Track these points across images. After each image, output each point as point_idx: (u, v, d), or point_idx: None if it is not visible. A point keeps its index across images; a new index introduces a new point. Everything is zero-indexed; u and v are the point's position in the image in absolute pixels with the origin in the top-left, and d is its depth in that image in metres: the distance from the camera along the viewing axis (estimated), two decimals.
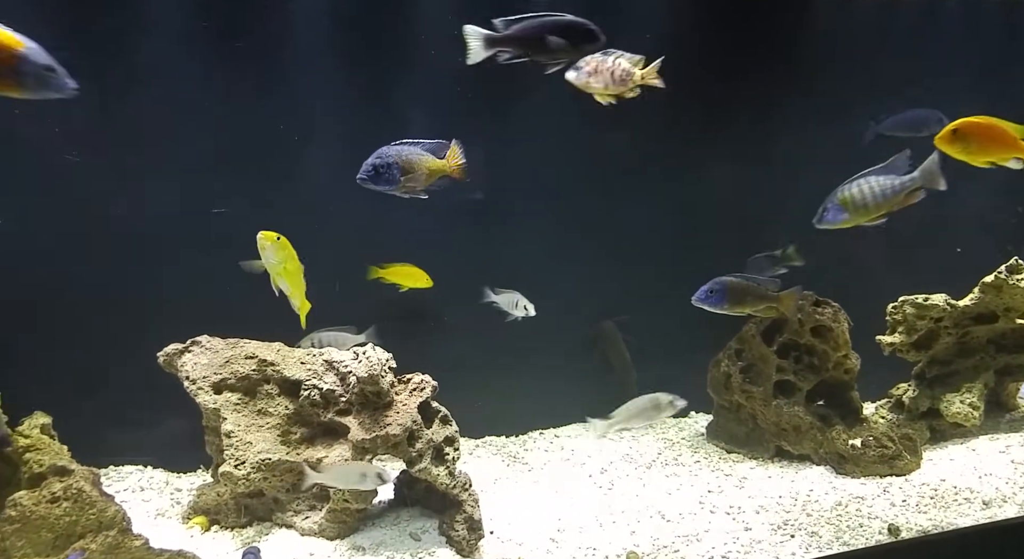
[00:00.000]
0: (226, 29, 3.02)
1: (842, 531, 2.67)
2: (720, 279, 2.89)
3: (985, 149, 2.45)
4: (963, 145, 2.44)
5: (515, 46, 2.31)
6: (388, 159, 2.30)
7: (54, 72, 1.67)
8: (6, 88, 1.65)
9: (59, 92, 1.69)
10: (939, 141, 2.46)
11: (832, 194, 2.64)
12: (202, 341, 2.82)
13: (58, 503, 2.21)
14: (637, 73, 2.37)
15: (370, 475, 2.41)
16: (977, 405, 3.34)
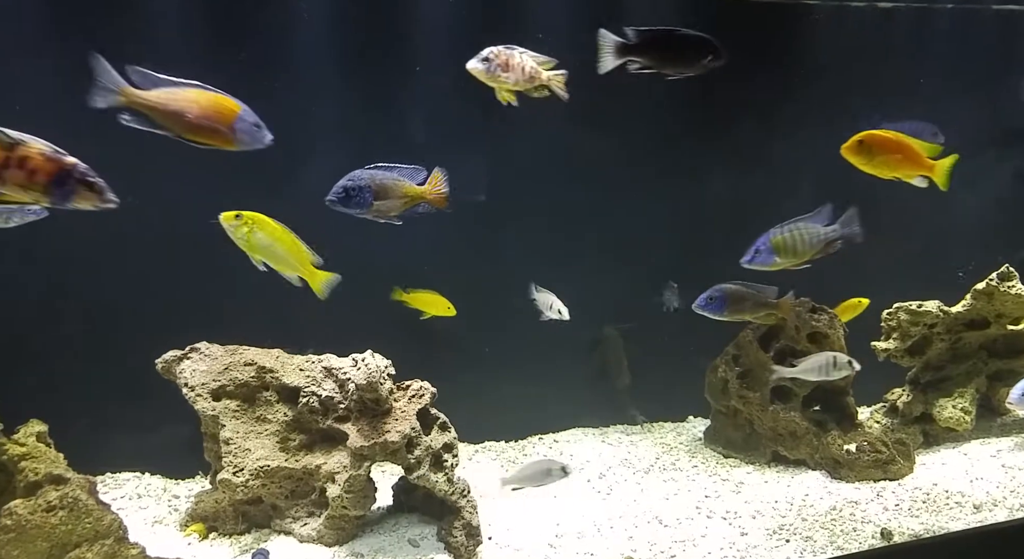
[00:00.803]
0: (228, 38, 3.00)
1: (836, 535, 2.70)
2: (720, 286, 2.93)
3: (889, 163, 2.47)
4: (867, 157, 2.44)
5: (646, 56, 2.36)
6: (360, 182, 2.25)
7: (260, 128, 2.00)
8: (223, 143, 1.98)
9: (261, 144, 2.02)
10: (845, 151, 2.47)
11: (764, 237, 2.71)
12: (201, 348, 2.81)
13: (54, 512, 2.19)
14: (544, 74, 2.36)
15: (554, 470, 2.52)
16: (969, 410, 3.39)
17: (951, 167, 2.54)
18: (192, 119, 1.91)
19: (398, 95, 3.29)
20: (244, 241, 2.24)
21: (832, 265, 3.84)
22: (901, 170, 2.50)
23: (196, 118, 1.91)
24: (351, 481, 2.56)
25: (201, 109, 1.91)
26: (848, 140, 2.46)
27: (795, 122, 3.69)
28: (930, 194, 4.03)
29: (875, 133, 2.45)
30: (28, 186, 1.61)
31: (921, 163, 2.50)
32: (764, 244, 2.71)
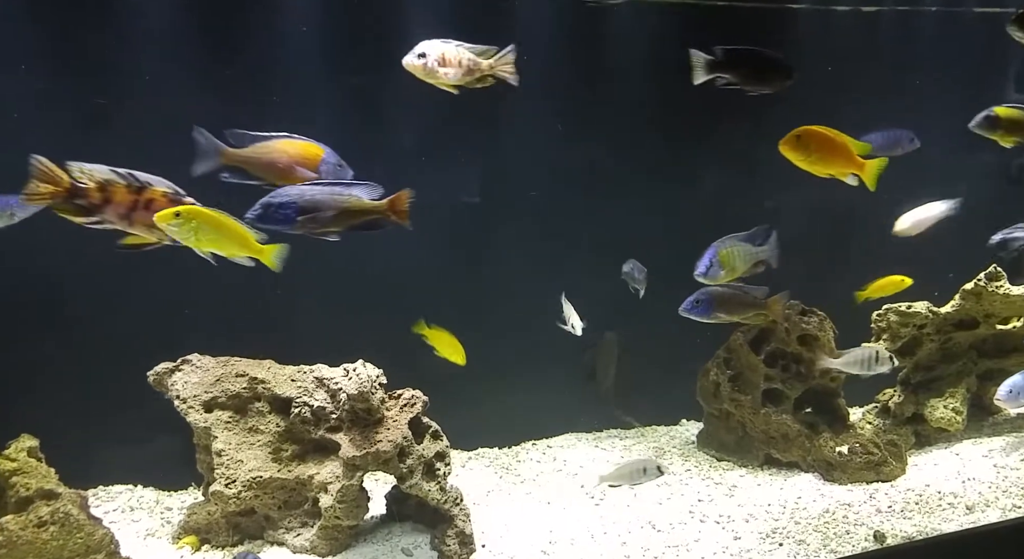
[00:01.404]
0: (219, 48, 3.02)
1: (829, 538, 2.71)
2: (706, 289, 2.92)
3: (825, 160, 2.45)
4: (804, 153, 2.44)
5: (731, 73, 2.51)
6: (284, 198, 2.12)
7: (342, 167, 2.25)
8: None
9: (345, 177, 2.27)
10: (783, 146, 2.45)
11: (712, 251, 2.78)
12: (192, 359, 2.81)
13: (45, 527, 2.19)
14: (484, 64, 2.32)
15: (649, 469, 2.57)
16: (960, 410, 3.41)
17: (880, 169, 2.52)
18: (283, 167, 2.14)
19: (392, 100, 3.30)
20: (192, 238, 2.09)
21: (821, 267, 3.88)
22: (835, 167, 2.48)
23: (286, 166, 2.14)
24: (344, 491, 2.56)
25: (290, 158, 2.16)
26: (785, 136, 2.45)
27: (783, 124, 3.71)
28: (917, 195, 4.07)
29: (812, 129, 2.43)
30: (152, 226, 1.74)
31: (853, 161, 2.48)
32: (714, 258, 2.76)
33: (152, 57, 2.95)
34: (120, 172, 1.77)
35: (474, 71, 2.30)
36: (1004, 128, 2.84)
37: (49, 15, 2.84)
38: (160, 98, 2.95)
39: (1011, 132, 2.86)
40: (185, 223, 2.03)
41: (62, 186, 1.68)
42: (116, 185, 1.72)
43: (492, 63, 2.33)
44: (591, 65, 3.62)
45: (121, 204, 1.72)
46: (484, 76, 2.33)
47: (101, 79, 2.91)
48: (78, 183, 1.69)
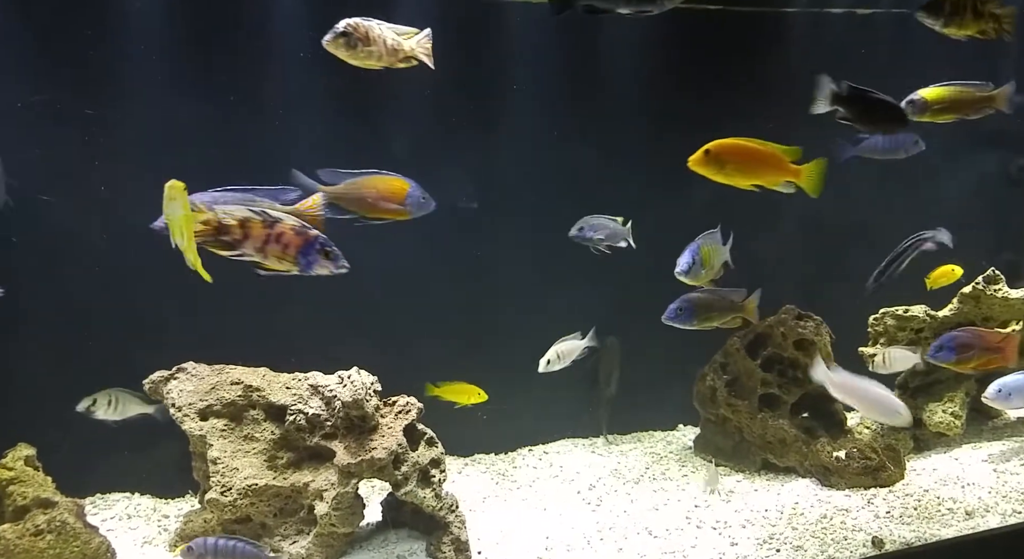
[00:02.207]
0: (211, 47, 3.04)
1: (827, 544, 2.70)
2: (686, 296, 2.92)
3: (744, 171, 2.31)
4: (717, 167, 2.30)
5: (849, 108, 2.54)
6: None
7: (427, 199, 2.37)
8: (398, 216, 2.36)
9: (428, 211, 2.39)
10: (693, 163, 2.32)
11: (693, 248, 2.76)
12: (187, 368, 2.83)
13: (42, 536, 2.21)
14: (406, 45, 2.25)
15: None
16: (959, 414, 3.39)
17: (819, 171, 2.36)
18: (372, 201, 2.29)
19: (389, 105, 3.31)
20: (182, 218, 2.07)
21: (819, 271, 3.87)
22: (761, 177, 2.32)
23: (375, 200, 2.29)
24: (339, 498, 2.57)
25: (379, 192, 2.30)
26: (695, 152, 2.29)
27: (779, 127, 3.71)
28: (915, 198, 4.05)
29: (722, 142, 2.28)
30: (282, 257, 1.91)
31: (783, 168, 2.32)
32: (697, 255, 2.74)
33: (147, 67, 2.98)
34: (255, 210, 1.97)
35: (397, 52, 2.24)
36: (933, 109, 2.81)
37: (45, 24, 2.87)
38: (160, 109, 2.99)
39: (943, 112, 2.82)
40: (184, 200, 2.03)
41: (211, 225, 1.92)
42: (253, 221, 1.93)
43: (413, 45, 2.27)
44: (587, 69, 3.64)
45: (257, 238, 1.91)
46: (406, 57, 2.27)
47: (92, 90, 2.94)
48: (224, 222, 1.93)
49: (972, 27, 2.44)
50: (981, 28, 2.45)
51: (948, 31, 2.45)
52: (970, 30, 2.45)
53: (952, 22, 2.43)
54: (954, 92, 2.82)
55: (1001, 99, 2.84)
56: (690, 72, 3.64)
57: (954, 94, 2.82)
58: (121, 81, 2.98)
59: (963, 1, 2.40)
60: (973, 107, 2.84)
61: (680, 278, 2.83)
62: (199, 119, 3.04)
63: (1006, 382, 2.98)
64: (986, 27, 2.45)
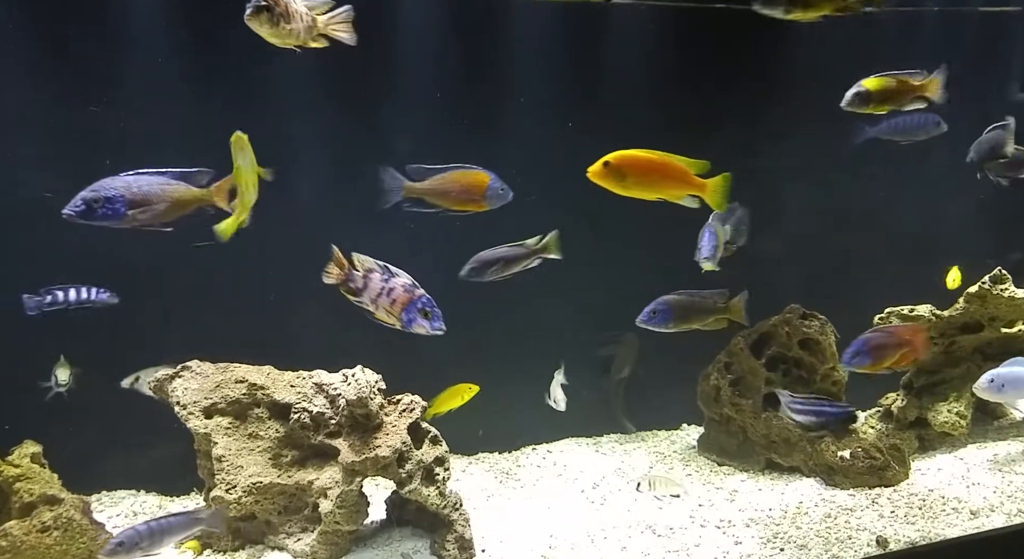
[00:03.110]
0: (207, 47, 3.04)
1: (831, 544, 2.69)
2: (663, 298, 2.87)
3: (646, 185, 2.22)
4: (618, 179, 2.19)
5: None
6: (108, 193, 2.05)
7: (505, 190, 2.46)
8: (478, 208, 2.47)
9: (505, 201, 2.49)
10: (592, 174, 2.21)
11: (710, 234, 2.73)
12: (192, 366, 2.83)
13: (48, 532, 2.22)
14: (320, 19, 2.15)
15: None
16: (964, 414, 3.37)
17: (724, 186, 2.28)
18: (456, 195, 2.39)
19: (393, 103, 3.30)
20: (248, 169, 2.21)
21: (824, 271, 3.85)
22: (664, 191, 2.25)
23: (458, 194, 2.40)
24: (343, 496, 2.57)
25: (461, 186, 2.40)
26: (594, 164, 2.19)
27: (786, 125, 3.70)
28: (922, 196, 4.03)
29: (624, 153, 2.19)
30: (389, 311, 2.04)
31: (688, 181, 2.24)
32: (715, 240, 2.71)
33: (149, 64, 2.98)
34: (379, 264, 2.09)
35: (312, 28, 2.18)
36: (876, 100, 2.75)
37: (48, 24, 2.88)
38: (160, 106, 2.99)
39: (883, 102, 2.76)
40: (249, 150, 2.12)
41: (343, 271, 2.10)
42: (374, 273, 2.07)
43: (327, 20, 2.20)
44: (595, 66, 3.62)
45: (374, 290, 2.05)
46: (319, 35, 2.20)
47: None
48: (353, 271, 2.08)
49: (825, 7, 2.21)
50: (837, 6, 2.23)
51: (795, 17, 2.23)
52: (824, 10, 2.22)
53: (796, 7, 2.20)
54: (893, 82, 2.76)
55: (933, 87, 2.78)
56: (698, 68, 3.62)
57: (893, 84, 2.76)
58: (136, 80, 2.99)
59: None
60: (908, 96, 2.78)
61: (706, 265, 2.78)
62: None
63: (999, 373, 2.94)
64: (843, 3, 2.23)
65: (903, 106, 2.79)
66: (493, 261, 2.74)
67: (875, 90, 2.73)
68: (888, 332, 2.98)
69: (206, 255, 3.08)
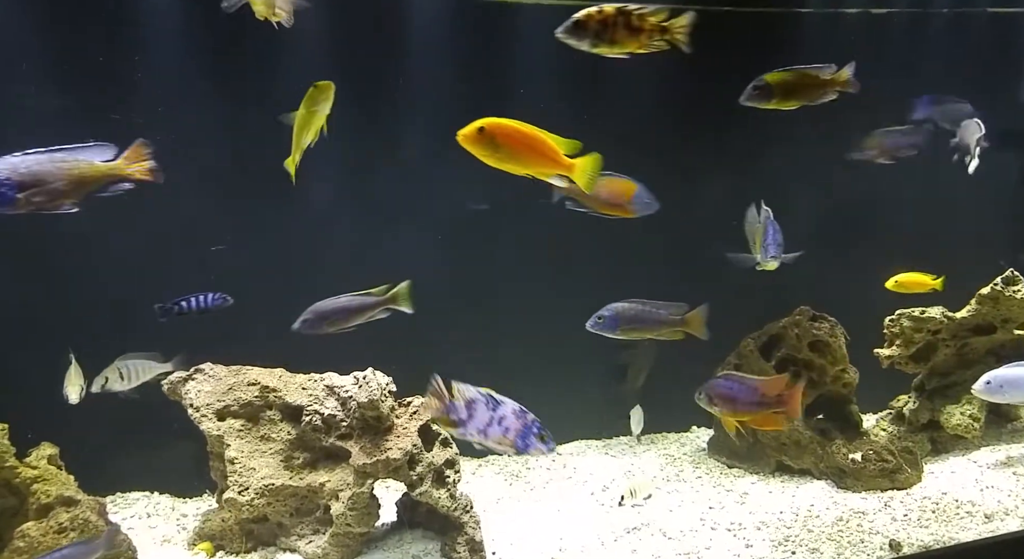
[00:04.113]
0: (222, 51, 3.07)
1: (843, 547, 2.68)
2: (611, 306, 2.80)
3: (517, 158, 2.09)
4: (491, 149, 2.06)
5: None
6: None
7: (651, 200, 2.60)
8: (625, 213, 2.61)
9: (651, 211, 2.62)
10: (462, 139, 2.06)
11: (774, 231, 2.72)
12: (205, 368, 2.86)
13: (65, 533, 2.25)
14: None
15: None
16: (978, 416, 3.35)
17: (594, 167, 2.17)
18: (604, 198, 2.57)
19: (397, 104, 3.32)
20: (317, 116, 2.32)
21: (833, 272, 3.83)
22: (533, 167, 2.13)
23: (606, 197, 2.58)
24: (354, 498, 2.59)
25: (610, 192, 2.57)
26: (466, 127, 2.05)
27: (791, 127, 3.69)
28: (934, 197, 4.00)
29: (499, 122, 2.06)
30: (502, 441, 2.07)
31: (557, 161, 2.12)
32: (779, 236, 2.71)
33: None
34: (482, 393, 2.09)
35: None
36: (778, 95, 2.66)
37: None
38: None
39: (787, 97, 2.67)
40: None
41: (444, 403, 2.08)
42: (478, 403, 2.07)
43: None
44: (605, 64, 3.62)
45: (481, 421, 2.05)
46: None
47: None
48: (453, 403, 2.08)
49: (630, 44, 2.18)
50: (641, 43, 2.18)
51: (600, 51, 2.17)
52: (628, 47, 2.18)
53: (602, 42, 2.14)
54: (797, 75, 2.67)
55: (843, 80, 2.70)
56: (707, 69, 3.62)
57: (797, 77, 2.67)
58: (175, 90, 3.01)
59: (612, 19, 2.13)
60: (817, 91, 2.70)
61: (770, 264, 2.78)
62: None
63: (996, 374, 2.93)
64: (647, 42, 2.18)
65: (813, 100, 2.72)
66: (332, 313, 2.60)
67: (776, 84, 2.68)
68: (749, 386, 2.58)
69: (219, 256, 3.13)
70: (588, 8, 2.13)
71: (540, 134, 2.10)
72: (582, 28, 2.13)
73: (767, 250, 2.83)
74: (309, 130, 2.37)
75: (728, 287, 3.24)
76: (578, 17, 2.13)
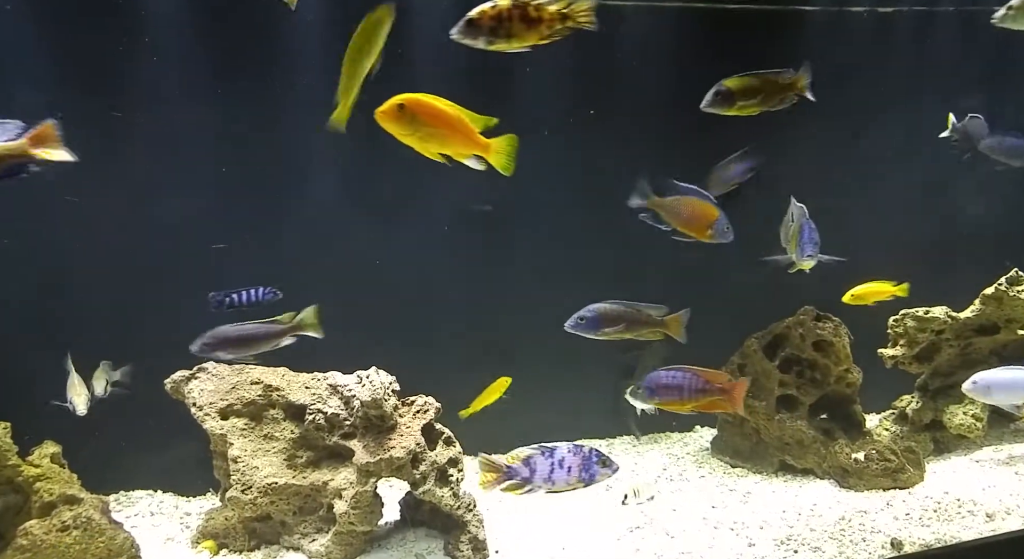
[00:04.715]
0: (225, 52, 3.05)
1: (845, 546, 2.68)
2: (592, 306, 2.76)
3: (434, 136, 2.00)
4: (411, 127, 1.97)
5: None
6: None
7: (728, 229, 2.67)
8: (702, 236, 2.69)
9: (727, 240, 2.68)
10: (380, 116, 1.97)
11: (811, 228, 2.62)
12: (208, 367, 2.86)
13: (68, 532, 2.25)
14: None
15: None
16: (980, 416, 3.35)
17: (510, 147, 2.07)
18: (685, 218, 2.68)
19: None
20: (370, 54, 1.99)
21: (837, 272, 3.82)
22: (450, 146, 2.04)
23: (687, 218, 2.68)
24: (358, 497, 2.59)
25: (691, 212, 2.68)
26: (384, 104, 1.96)
27: (794, 127, 3.67)
28: (941, 198, 3.98)
29: (419, 98, 1.97)
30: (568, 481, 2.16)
31: (473, 140, 2.03)
32: (815, 235, 2.68)
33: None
34: (534, 447, 2.18)
35: None
36: (739, 100, 2.60)
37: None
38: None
39: (748, 103, 2.60)
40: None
41: (502, 472, 2.19)
42: (535, 457, 2.15)
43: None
44: (608, 66, 3.60)
45: (543, 472, 2.15)
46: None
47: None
48: (511, 467, 2.17)
49: (529, 37, 2.02)
50: (542, 35, 2.02)
51: (498, 48, 2.03)
52: (528, 40, 2.02)
53: (498, 38, 1.99)
54: (758, 80, 2.60)
55: (802, 84, 2.65)
56: (709, 67, 3.60)
57: (758, 83, 2.60)
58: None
59: (506, 13, 1.97)
60: (777, 96, 2.64)
61: (806, 263, 2.76)
62: None
63: (984, 376, 2.97)
64: (548, 33, 2.02)
65: (773, 106, 2.67)
66: (233, 340, 2.54)
67: (737, 89, 2.60)
68: (693, 375, 2.63)
69: (219, 255, 3.12)
70: (482, 5, 1.97)
71: (458, 111, 2.00)
72: (475, 26, 1.97)
73: (803, 249, 2.78)
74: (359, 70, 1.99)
75: (732, 288, 3.24)
76: (471, 15, 1.97)
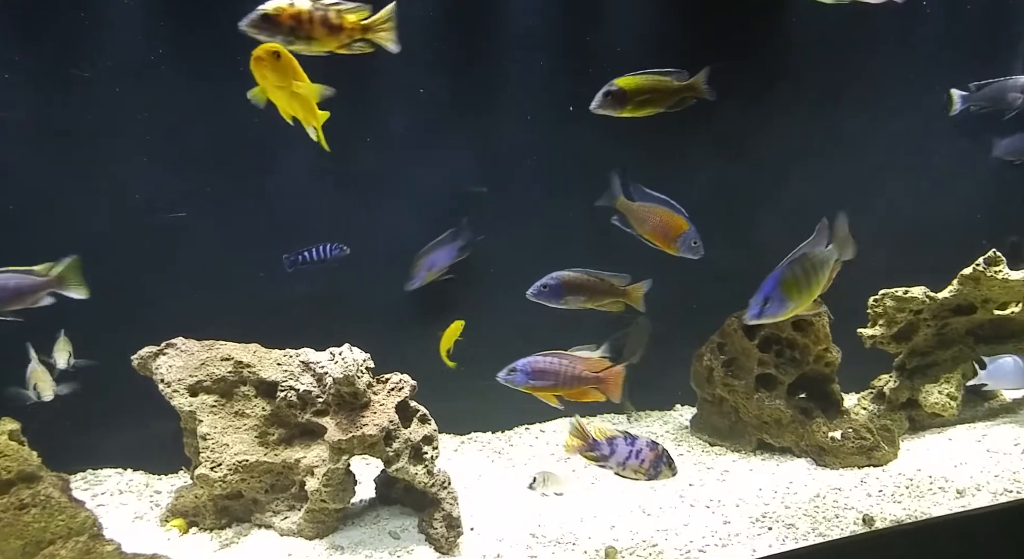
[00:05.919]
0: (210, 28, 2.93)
1: (818, 522, 2.70)
2: (555, 274, 2.72)
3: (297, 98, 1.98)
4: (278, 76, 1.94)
5: None
6: None
7: (697, 244, 2.59)
8: (668, 249, 2.63)
9: (694, 256, 2.61)
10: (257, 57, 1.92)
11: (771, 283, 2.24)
12: (177, 343, 2.78)
13: (26, 510, 2.18)
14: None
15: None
16: (955, 395, 3.38)
17: (318, 118, 2.09)
18: (651, 227, 2.61)
19: (397, 90, 3.21)
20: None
21: None
22: (294, 108, 2.03)
23: (654, 227, 2.61)
24: (329, 475, 2.55)
25: (659, 221, 2.60)
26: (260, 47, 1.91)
27: (783, 112, 3.64)
28: (920, 180, 3.97)
29: (288, 54, 1.92)
30: (638, 470, 2.29)
31: (309, 108, 2.05)
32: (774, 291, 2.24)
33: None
34: (619, 431, 2.32)
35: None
36: (632, 101, 2.46)
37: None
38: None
39: (642, 104, 2.47)
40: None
41: (587, 441, 2.34)
42: (618, 439, 2.30)
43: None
44: (595, 49, 3.52)
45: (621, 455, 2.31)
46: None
47: None
48: (597, 441, 2.32)
49: (329, 43, 1.97)
50: (342, 43, 1.98)
51: (297, 49, 1.96)
52: (328, 46, 1.98)
53: (299, 39, 1.93)
54: (651, 81, 2.48)
55: (699, 86, 2.54)
56: (707, 49, 3.53)
57: (652, 83, 2.47)
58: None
59: (307, 14, 1.91)
60: (672, 97, 2.52)
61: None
62: None
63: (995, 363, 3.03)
64: (347, 41, 1.98)
65: (670, 109, 2.54)
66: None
67: (631, 90, 2.46)
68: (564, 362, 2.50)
69: (195, 234, 3.02)
70: (279, 2, 1.88)
71: (301, 74, 1.96)
72: (273, 22, 1.89)
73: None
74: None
75: (714, 268, 3.20)
76: (267, 10, 1.88)
